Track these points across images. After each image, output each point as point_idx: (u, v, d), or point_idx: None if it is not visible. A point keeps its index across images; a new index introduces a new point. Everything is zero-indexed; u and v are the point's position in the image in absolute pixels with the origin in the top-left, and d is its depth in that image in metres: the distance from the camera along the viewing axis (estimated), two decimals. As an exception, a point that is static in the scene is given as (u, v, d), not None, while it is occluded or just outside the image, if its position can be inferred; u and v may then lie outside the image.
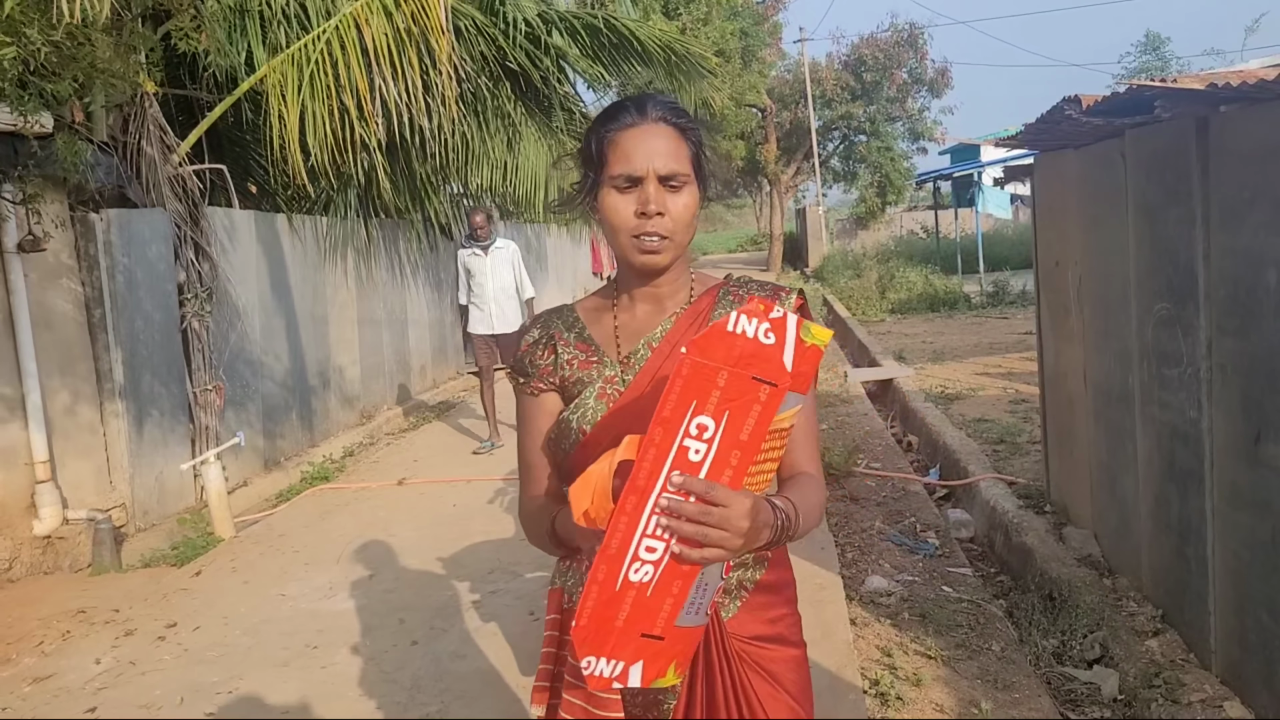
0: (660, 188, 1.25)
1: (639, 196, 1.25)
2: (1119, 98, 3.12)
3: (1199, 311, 2.96)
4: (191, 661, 3.66)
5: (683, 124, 1.29)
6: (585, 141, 1.33)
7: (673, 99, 1.34)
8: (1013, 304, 14.12)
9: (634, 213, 1.25)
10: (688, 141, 1.29)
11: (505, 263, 6.95)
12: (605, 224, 1.29)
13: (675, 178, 1.26)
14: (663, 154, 1.25)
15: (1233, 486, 2.84)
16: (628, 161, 1.25)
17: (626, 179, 1.25)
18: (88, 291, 4.97)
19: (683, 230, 1.28)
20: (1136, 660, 3.13)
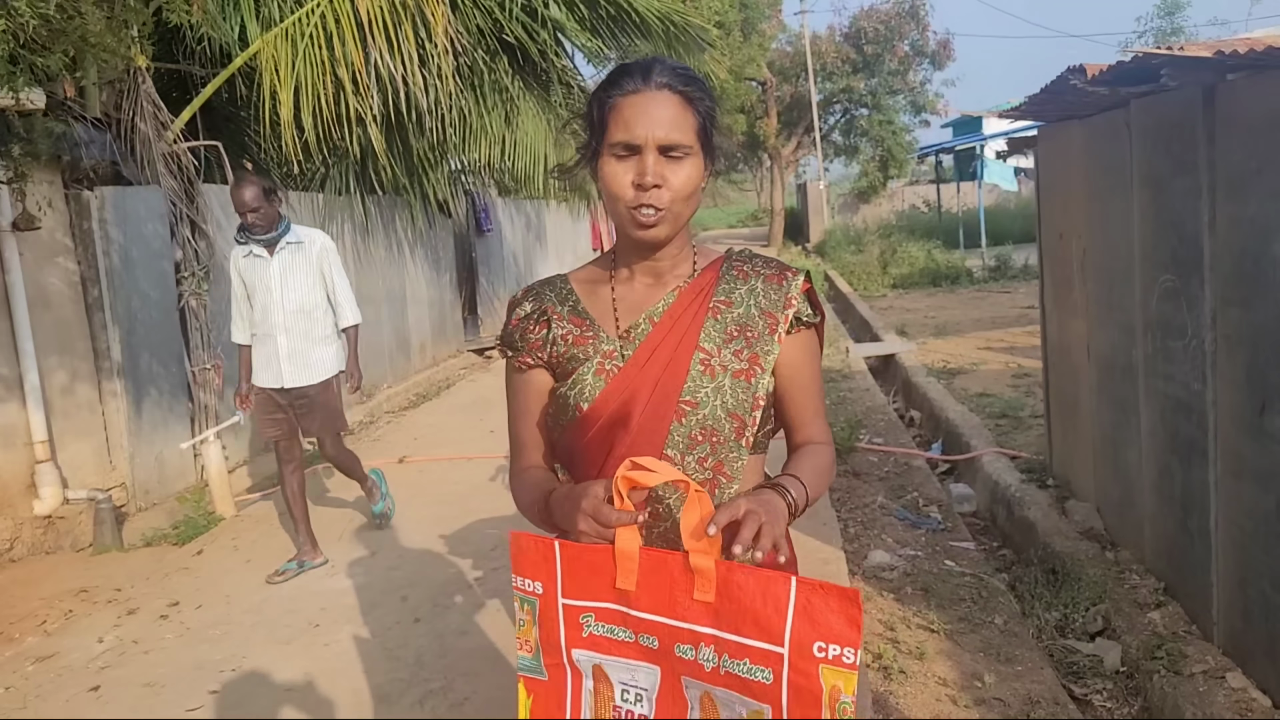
0: (660, 158, 1.20)
1: (637, 166, 1.21)
2: (1124, 67, 3.07)
3: (1204, 283, 2.93)
4: (194, 640, 3.67)
5: (689, 92, 1.23)
6: (588, 106, 1.29)
7: (682, 65, 1.28)
8: (1015, 278, 14.07)
9: (631, 183, 1.21)
10: (694, 111, 1.24)
11: (305, 269, 4.20)
12: (605, 192, 1.25)
13: (677, 148, 1.21)
14: (665, 123, 1.20)
15: (1236, 458, 2.82)
16: (627, 129, 1.21)
17: (625, 147, 1.21)
18: (84, 270, 4.94)
19: (682, 203, 1.23)
20: (1139, 632, 3.13)
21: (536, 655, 1.18)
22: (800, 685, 0.99)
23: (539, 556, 1.15)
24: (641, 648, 1.10)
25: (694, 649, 1.05)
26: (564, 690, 1.16)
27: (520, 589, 1.17)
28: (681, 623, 1.06)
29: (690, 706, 1.08)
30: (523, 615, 1.17)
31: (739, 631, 1.02)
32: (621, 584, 1.09)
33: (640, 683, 1.11)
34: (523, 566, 1.16)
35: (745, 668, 1.02)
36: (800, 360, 1.32)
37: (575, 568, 1.12)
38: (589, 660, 1.14)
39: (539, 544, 1.15)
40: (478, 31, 6.81)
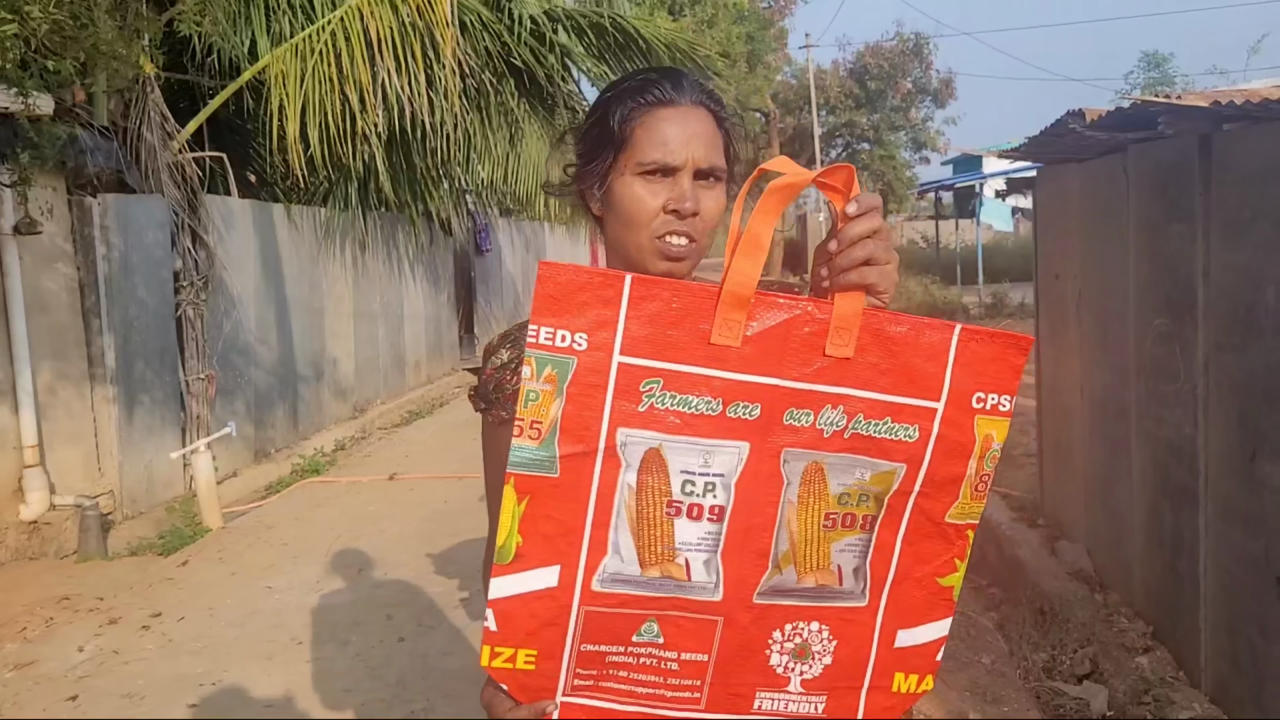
0: (695, 183, 1.07)
1: (672, 190, 1.05)
2: (1123, 113, 3.11)
3: (1198, 328, 2.95)
4: (175, 652, 3.63)
5: (720, 111, 1.11)
6: (599, 115, 1.11)
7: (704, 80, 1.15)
8: (1011, 316, 14.13)
9: (662, 207, 1.05)
10: (723, 132, 1.12)
11: None
12: (619, 216, 1.08)
13: (714, 171, 1.08)
14: (704, 143, 1.07)
15: (1227, 503, 2.83)
16: (664, 147, 1.05)
17: (660, 168, 1.05)
18: (82, 276, 4.94)
19: (710, 234, 1.09)
20: (1126, 676, 3.12)
21: (549, 443, 0.85)
22: (951, 438, 0.89)
23: (593, 296, 0.84)
24: (731, 421, 0.86)
25: (813, 414, 0.87)
26: (585, 487, 0.86)
27: (544, 345, 0.83)
28: (802, 383, 0.86)
29: (786, 484, 0.88)
30: (537, 385, 0.84)
31: (882, 388, 0.87)
32: (720, 337, 0.85)
33: (715, 468, 0.87)
34: (558, 310, 0.84)
35: (885, 427, 0.88)
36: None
37: (650, 313, 0.84)
38: (643, 443, 0.86)
39: (597, 280, 0.84)
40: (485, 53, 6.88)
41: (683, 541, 0.87)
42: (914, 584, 0.94)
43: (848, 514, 0.90)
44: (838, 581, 0.92)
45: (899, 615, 0.94)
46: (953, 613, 0.96)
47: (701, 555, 0.88)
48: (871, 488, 0.90)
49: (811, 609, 0.92)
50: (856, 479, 0.90)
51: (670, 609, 0.89)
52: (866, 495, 0.90)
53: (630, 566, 0.87)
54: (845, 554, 0.92)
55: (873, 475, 0.90)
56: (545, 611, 0.87)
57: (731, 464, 0.88)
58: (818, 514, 0.90)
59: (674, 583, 0.88)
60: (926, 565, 0.94)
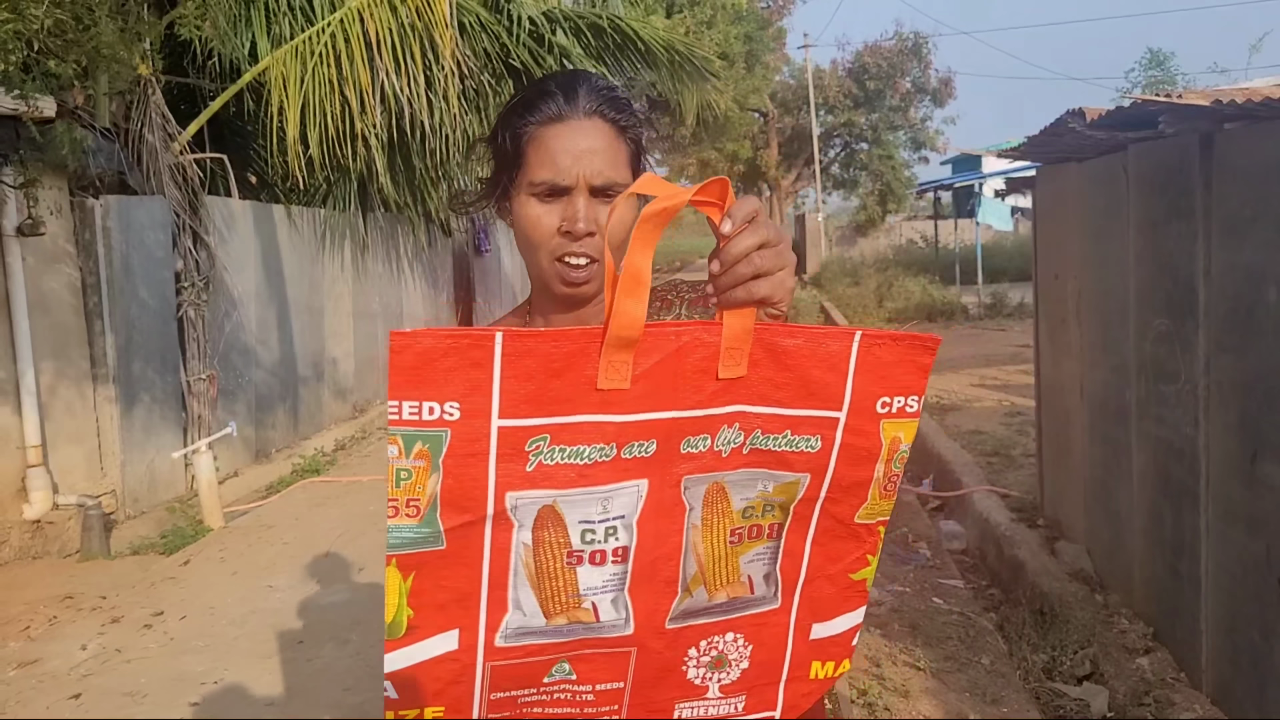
0: (592, 200, 1.01)
1: (565, 210, 1.01)
2: (1123, 112, 3.12)
3: (1198, 328, 2.95)
4: (177, 650, 3.64)
5: (621, 120, 1.04)
6: (496, 131, 1.07)
7: (610, 83, 1.08)
8: (1010, 316, 14.13)
9: (557, 229, 1.01)
10: (627, 141, 1.05)
11: None
12: (520, 237, 1.05)
13: (612, 188, 1.01)
14: (598, 159, 1.01)
15: (1228, 504, 2.83)
16: (553, 166, 1.01)
17: (550, 188, 1.01)
18: (85, 277, 4.95)
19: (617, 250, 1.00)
20: (1127, 678, 3.12)
21: (430, 519, 0.78)
22: (856, 445, 0.87)
23: (459, 359, 0.75)
24: (627, 462, 0.82)
25: (709, 438, 0.83)
26: (477, 553, 0.80)
27: (410, 421, 0.75)
28: (696, 410, 0.82)
29: (688, 510, 0.85)
30: (408, 463, 0.76)
31: (779, 403, 0.84)
32: (608, 382, 0.79)
33: (615, 511, 0.83)
34: (421, 378, 0.75)
35: (785, 440, 0.85)
36: None
37: (528, 369, 0.77)
38: (534, 503, 0.80)
39: (462, 344, 0.76)
40: (484, 55, 6.89)
41: (588, 587, 0.84)
42: (826, 581, 0.93)
43: (753, 526, 0.89)
44: (749, 590, 0.90)
45: (813, 611, 0.94)
46: (866, 601, 0.96)
47: (608, 595, 0.85)
48: (775, 498, 0.88)
49: (725, 622, 0.91)
50: (759, 491, 0.88)
51: (581, 649, 0.86)
52: (771, 505, 0.89)
53: (534, 619, 0.84)
54: (754, 564, 0.90)
55: (775, 486, 0.88)
56: (448, 673, 0.83)
57: (631, 504, 0.84)
58: (722, 532, 0.88)
59: (582, 626, 0.85)
60: (838, 564, 0.93)
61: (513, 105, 1.07)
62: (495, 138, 1.08)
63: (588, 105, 1.03)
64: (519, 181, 1.04)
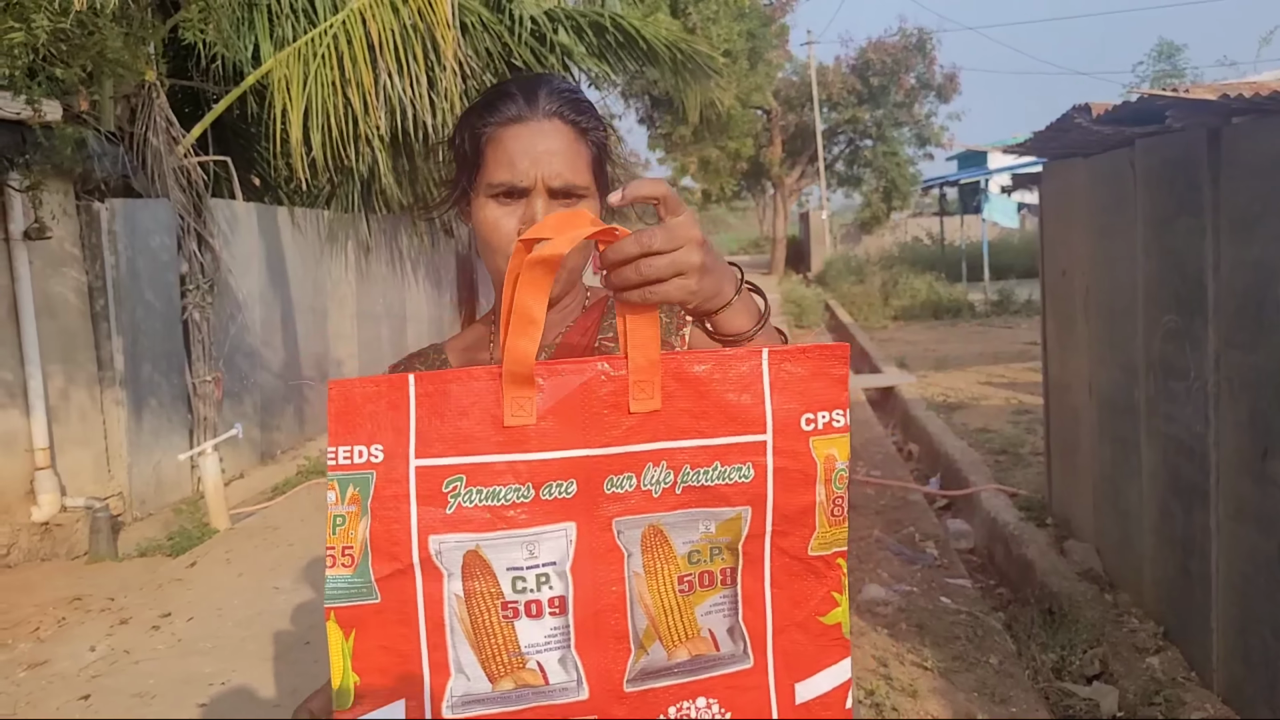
0: (550, 203, 1.01)
1: (523, 212, 1.01)
2: (1130, 107, 3.10)
3: (1207, 324, 2.93)
4: (185, 652, 3.65)
5: (582, 122, 1.04)
6: (457, 133, 1.07)
7: (571, 85, 1.07)
8: (1017, 313, 14.09)
9: (516, 231, 1.01)
10: (587, 143, 1.05)
11: None
12: (479, 240, 1.04)
13: (571, 191, 1.02)
14: (556, 160, 1.01)
15: (1238, 502, 2.81)
16: (510, 168, 1.00)
17: (508, 190, 1.01)
18: (91, 280, 4.96)
19: (577, 254, 1.04)
20: (1137, 677, 3.10)
21: (363, 568, 0.79)
22: (790, 469, 0.83)
23: (382, 404, 0.79)
24: (548, 504, 0.80)
25: (635, 477, 0.81)
26: (411, 606, 0.79)
27: (344, 466, 0.79)
28: (615, 447, 0.81)
29: (627, 556, 0.82)
30: (342, 508, 0.79)
31: (701, 433, 0.81)
32: (513, 419, 0.79)
33: (544, 556, 0.81)
34: (351, 427, 0.79)
35: (716, 473, 0.82)
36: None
37: (440, 409, 0.79)
38: (458, 547, 0.80)
39: (382, 386, 0.79)
40: (486, 55, 6.88)
41: (529, 644, 0.81)
42: (797, 629, 0.86)
43: (703, 572, 0.84)
44: (713, 647, 0.84)
45: (791, 668, 0.86)
46: (848, 653, 0.88)
47: (554, 654, 0.81)
48: (720, 539, 0.84)
49: (693, 684, 0.84)
50: (702, 533, 0.83)
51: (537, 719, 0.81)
52: (718, 548, 0.84)
53: (479, 684, 0.80)
54: (713, 615, 0.84)
55: (718, 525, 0.83)
56: None
57: (561, 549, 0.81)
58: (669, 580, 0.83)
59: (531, 690, 0.81)
60: (803, 606, 0.86)
61: (473, 107, 1.06)
62: (455, 139, 1.07)
63: (548, 106, 1.02)
64: (478, 183, 1.03)
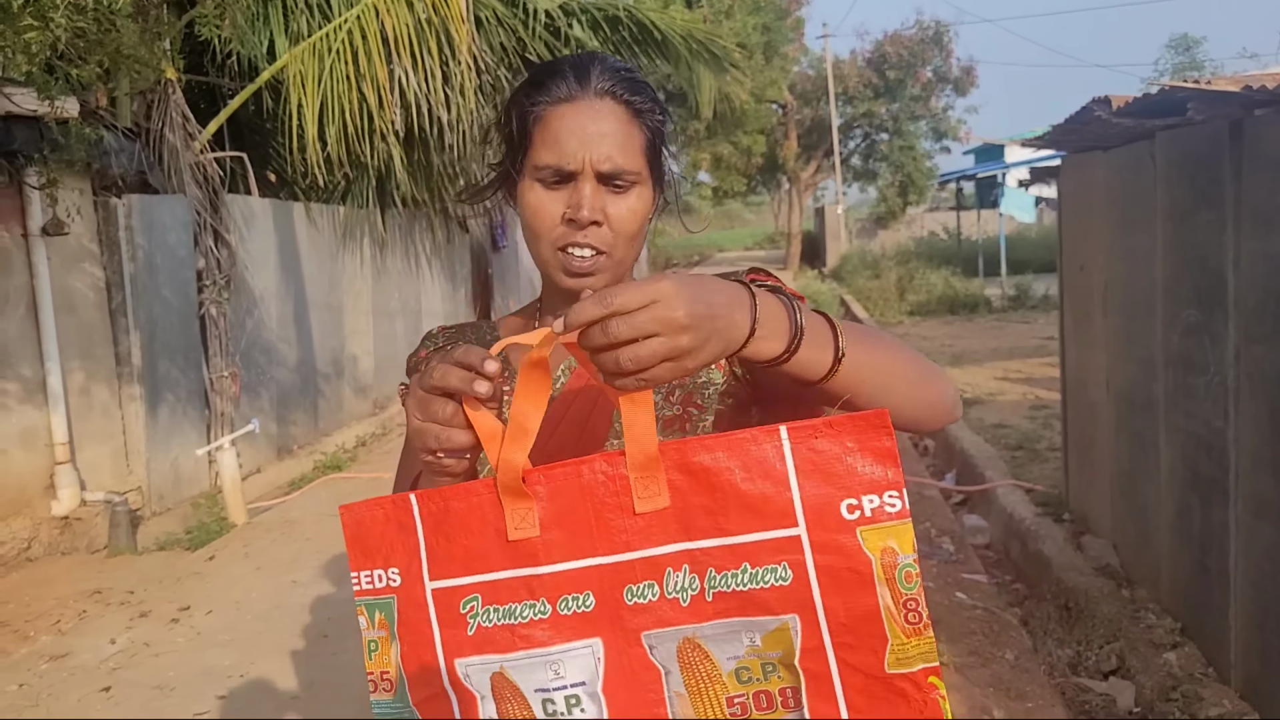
0: (599, 188, 0.95)
1: (570, 197, 0.95)
2: (1150, 99, 3.06)
3: (1228, 319, 2.90)
4: (204, 645, 3.69)
5: (637, 102, 0.97)
6: (504, 112, 1.02)
7: (626, 65, 1.01)
8: (1034, 308, 13.98)
9: (561, 217, 0.95)
10: (642, 126, 0.97)
11: None
12: (525, 226, 0.99)
13: (622, 175, 0.95)
14: (607, 143, 0.94)
15: (1258, 498, 2.78)
16: (557, 149, 0.94)
17: (555, 173, 0.95)
18: (108, 276, 5.01)
19: (625, 244, 0.97)
20: (1154, 673, 3.08)
21: (401, 693, 0.80)
22: (836, 567, 0.70)
23: (391, 527, 0.79)
24: (566, 619, 0.75)
25: (656, 584, 0.73)
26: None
27: (368, 590, 0.80)
28: (627, 554, 0.74)
29: (664, 674, 0.74)
30: (374, 633, 0.80)
31: (721, 531, 0.72)
32: (517, 532, 0.75)
33: (571, 677, 0.75)
34: (367, 551, 0.79)
35: (747, 576, 0.71)
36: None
37: (445, 528, 0.77)
38: (484, 669, 0.77)
39: (388, 509, 0.79)
40: (500, 49, 6.89)
41: None
42: None
43: (759, 693, 0.72)
44: None
45: None
46: None
47: None
48: (770, 653, 0.72)
49: None
50: (747, 646, 0.72)
51: None
52: (770, 664, 0.72)
53: None
54: None
55: (764, 637, 0.72)
56: None
57: (590, 668, 0.75)
58: (716, 702, 0.73)
59: None
60: None
61: (521, 85, 1.01)
62: (502, 119, 1.02)
63: (600, 85, 0.96)
64: (524, 166, 0.98)
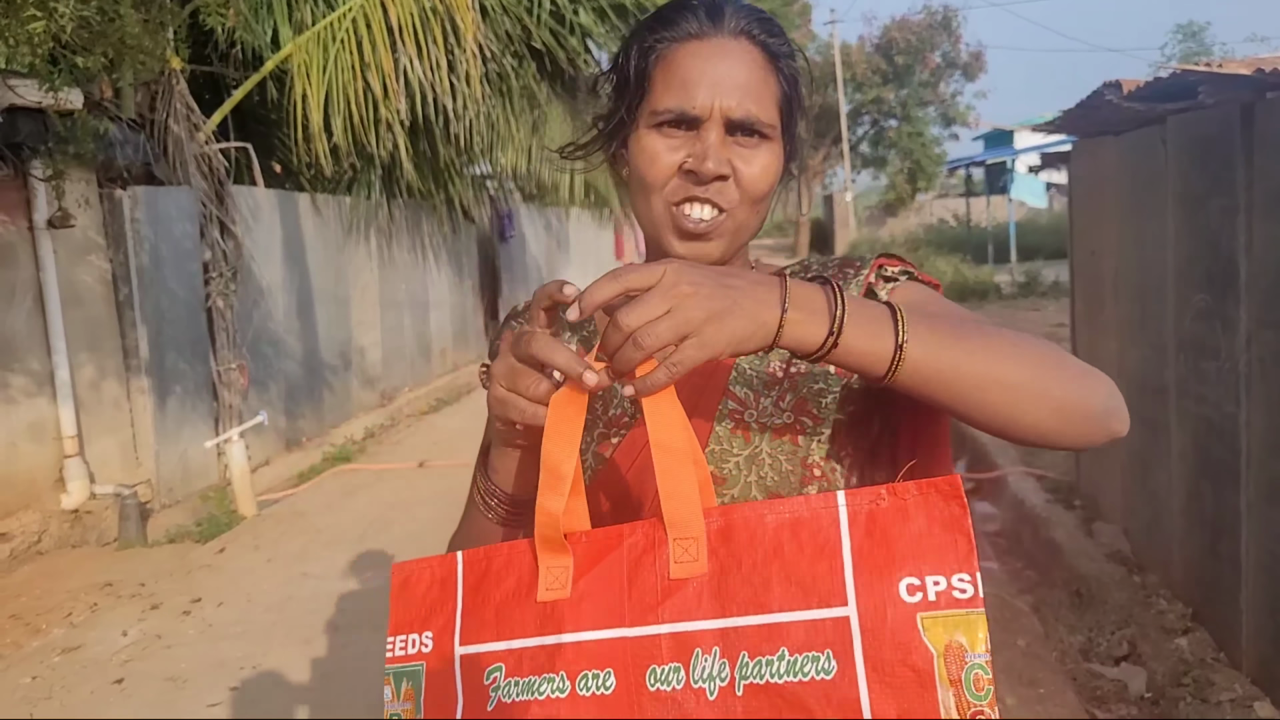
0: (727, 139, 0.82)
1: (693, 145, 0.82)
2: (1162, 83, 3.03)
3: (1240, 303, 2.87)
4: (216, 637, 3.70)
5: (775, 46, 0.85)
6: (620, 53, 0.89)
7: (762, 10, 0.88)
8: (1044, 295, 13.90)
9: (679, 168, 0.82)
10: (778, 75, 0.85)
11: None
12: (634, 180, 0.86)
13: (755, 125, 0.82)
14: (740, 86, 0.81)
15: (1270, 482, 2.76)
16: (683, 90, 0.81)
17: (679, 118, 0.82)
18: (115, 268, 5.02)
19: (749, 208, 0.84)
20: (1165, 658, 3.07)
21: None
22: (888, 662, 0.59)
23: (435, 587, 0.76)
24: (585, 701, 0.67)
25: (683, 669, 0.64)
26: None
27: (399, 658, 0.77)
28: (653, 627, 0.66)
29: None
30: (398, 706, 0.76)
31: (762, 605, 0.63)
32: (548, 593, 0.70)
33: None
34: (408, 610, 0.77)
35: (784, 665, 0.61)
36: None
37: (485, 587, 0.73)
38: None
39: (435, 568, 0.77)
40: (506, 37, 6.85)
41: None
42: None
43: None
44: None
45: None
46: None
47: None
48: None
49: None
50: None
51: None
52: None
53: None
54: None
55: None
56: None
57: None
58: None
59: None
60: None
61: (643, 22, 0.88)
62: (617, 60, 0.88)
63: (734, 24, 0.84)
64: (641, 112, 0.85)
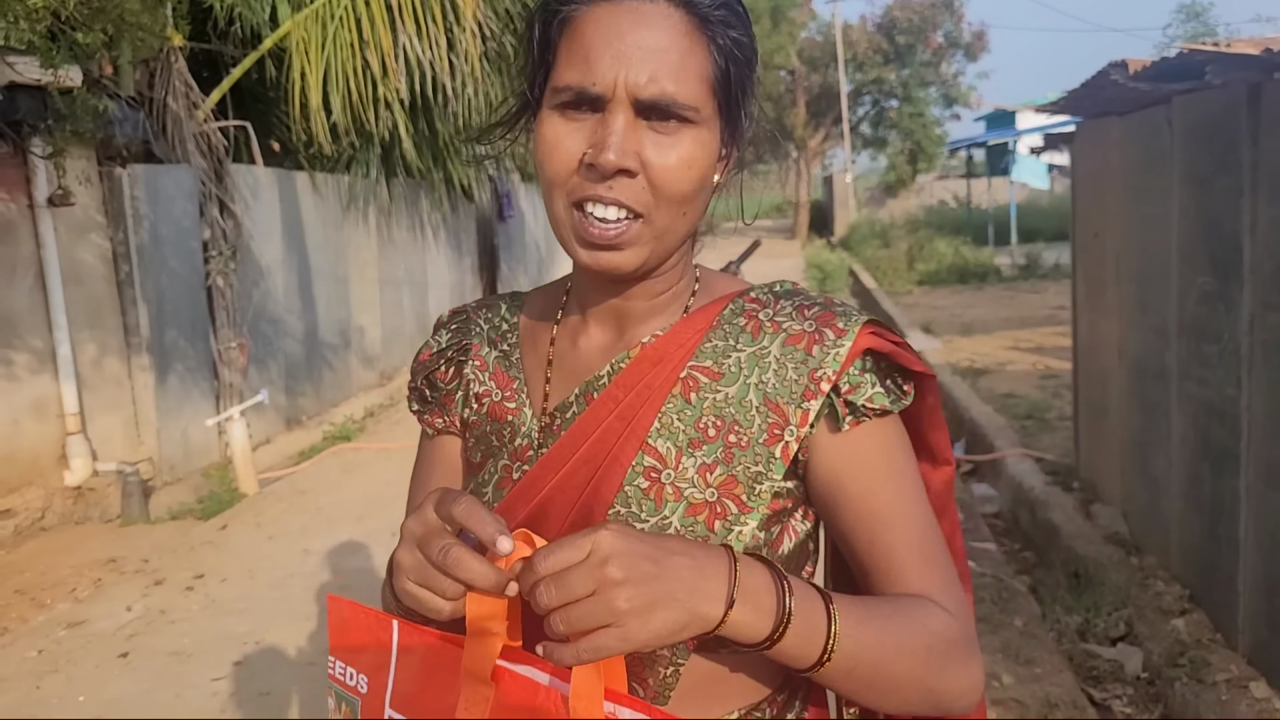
0: (637, 122, 0.68)
1: (594, 132, 0.68)
2: (1168, 63, 3.00)
3: (1243, 286, 2.87)
4: (219, 612, 3.73)
5: (707, 10, 0.69)
6: (528, 24, 0.74)
7: None
8: (1045, 277, 13.88)
9: (580, 160, 0.68)
10: (711, 46, 0.70)
11: None
12: (537, 169, 0.73)
13: (671, 107, 0.67)
14: (655, 59, 0.67)
15: (1269, 466, 2.77)
16: (585, 64, 0.67)
17: (578, 96, 0.68)
18: (115, 247, 5.00)
19: (670, 209, 0.70)
20: (1162, 639, 3.09)
21: None
22: None
23: (369, 637, 0.75)
24: None
25: None
26: None
27: (339, 679, 0.77)
28: None
29: None
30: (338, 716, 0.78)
31: None
32: (465, 710, 0.68)
33: None
34: (346, 645, 0.77)
35: None
36: (857, 472, 0.74)
37: (415, 667, 0.72)
38: None
39: (370, 620, 0.75)
40: (505, 15, 6.79)
41: None
42: None
43: None
44: None
45: None
46: None
47: None
48: None
49: None
50: None
51: None
52: None
53: None
54: None
55: None
56: None
57: None
58: None
59: None
60: None
61: None
62: (525, 36, 0.74)
63: None
64: (546, 90, 0.71)
